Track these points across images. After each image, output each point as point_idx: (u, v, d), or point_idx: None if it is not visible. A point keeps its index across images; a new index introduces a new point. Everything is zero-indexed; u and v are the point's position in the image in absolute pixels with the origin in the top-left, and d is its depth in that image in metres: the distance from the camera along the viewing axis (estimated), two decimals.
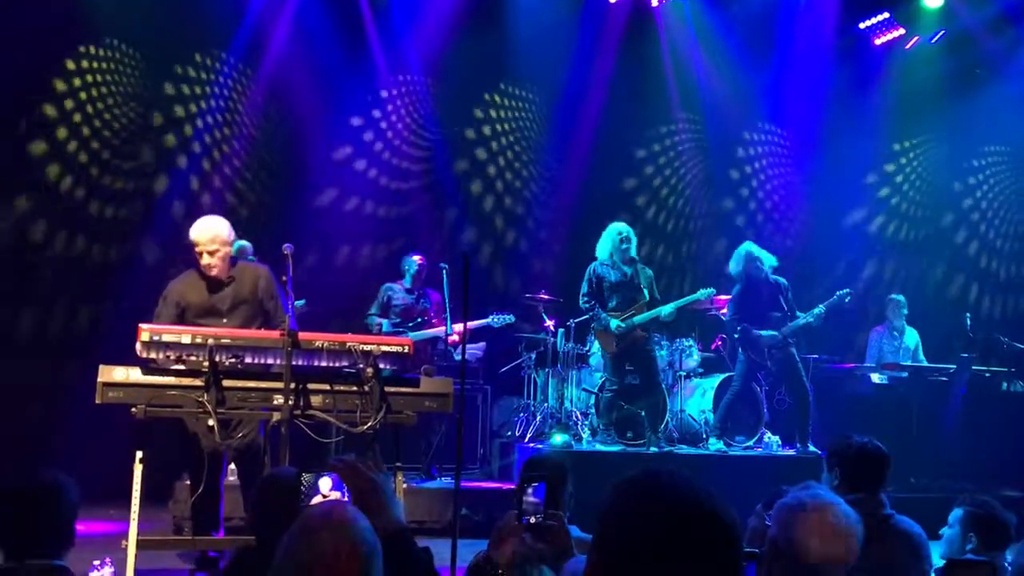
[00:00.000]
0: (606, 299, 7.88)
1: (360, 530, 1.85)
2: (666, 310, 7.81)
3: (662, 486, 1.49)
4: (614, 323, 7.74)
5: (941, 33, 10.45)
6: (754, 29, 10.34)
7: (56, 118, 8.59)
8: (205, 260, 5.36)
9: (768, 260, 8.12)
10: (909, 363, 8.92)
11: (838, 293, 8.25)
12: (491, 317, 8.05)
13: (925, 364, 9.02)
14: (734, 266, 8.19)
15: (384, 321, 7.92)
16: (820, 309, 8.08)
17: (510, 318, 8.15)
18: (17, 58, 7.96)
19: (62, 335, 8.31)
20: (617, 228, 7.90)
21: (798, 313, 8.11)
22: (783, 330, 8.00)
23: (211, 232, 5.37)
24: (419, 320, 7.97)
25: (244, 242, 7.16)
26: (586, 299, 7.89)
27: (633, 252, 7.89)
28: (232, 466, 5.80)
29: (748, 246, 8.19)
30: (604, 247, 7.88)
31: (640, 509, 1.47)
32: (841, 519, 2.29)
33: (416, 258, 8.10)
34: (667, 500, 1.46)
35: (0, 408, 7.69)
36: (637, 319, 7.78)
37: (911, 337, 9.26)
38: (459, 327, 7.65)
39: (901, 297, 9.35)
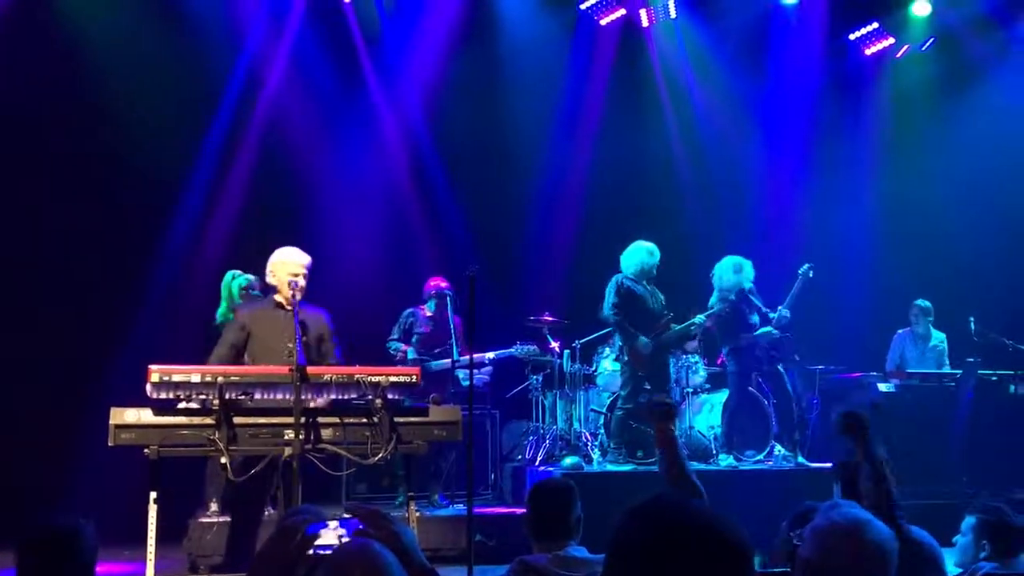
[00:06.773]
0: (635, 314, 7.79)
1: (388, 564, 1.89)
2: (699, 319, 7.85)
3: (671, 510, 1.50)
4: (643, 340, 7.70)
5: (931, 40, 10.53)
6: (745, 44, 10.43)
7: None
8: (301, 283, 5.31)
9: (751, 273, 8.11)
10: (917, 370, 8.94)
11: (799, 271, 8.11)
12: (515, 347, 7.94)
13: (937, 370, 9.00)
14: (728, 277, 8.03)
15: (409, 349, 7.78)
16: (789, 298, 8.03)
17: (534, 348, 8.08)
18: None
19: (71, 379, 8.29)
20: (647, 246, 7.89)
21: (778, 309, 8.04)
22: (774, 323, 7.97)
23: (307, 256, 5.49)
24: (446, 346, 7.69)
25: (251, 276, 7.18)
26: (616, 311, 7.74)
27: (655, 271, 7.91)
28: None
29: (740, 259, 8.08)
30: (632, 261, 7.84)
31: (649, 533, 1.48)
32: (875, 538, 2.24)
33: (443, 284, 7.90)
34: (676, 524, 1.48)
35: (12, 451, 7.72)
36: (676, 329, 7.84)
37: (937, 339, 9.20)
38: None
39: (926, 303, 9.17)
